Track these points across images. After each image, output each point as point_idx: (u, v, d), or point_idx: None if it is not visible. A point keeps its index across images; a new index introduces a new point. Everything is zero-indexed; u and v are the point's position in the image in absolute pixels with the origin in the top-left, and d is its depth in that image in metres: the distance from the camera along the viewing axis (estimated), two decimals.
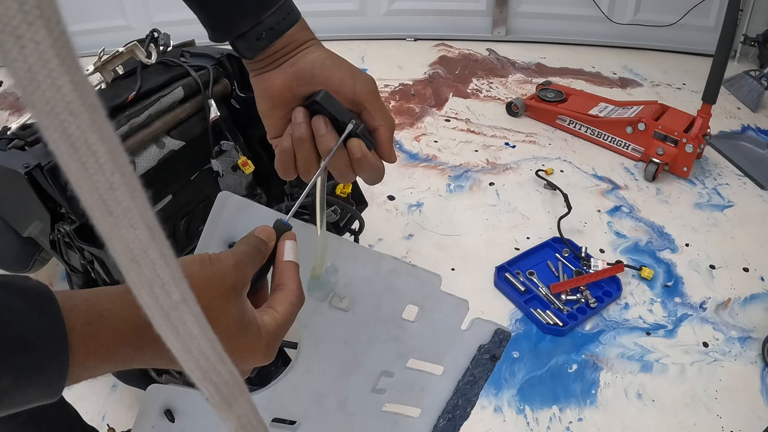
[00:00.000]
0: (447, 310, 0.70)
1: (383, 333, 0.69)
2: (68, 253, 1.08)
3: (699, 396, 1.36)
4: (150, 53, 1.27)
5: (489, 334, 0.73)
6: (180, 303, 0.26)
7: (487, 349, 0.73)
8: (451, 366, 0.74)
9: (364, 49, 3.19)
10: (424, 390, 0.74)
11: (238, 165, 1.32)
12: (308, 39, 0.60)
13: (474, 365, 0.74)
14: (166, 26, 1.47)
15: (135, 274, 0.24)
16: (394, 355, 0.70)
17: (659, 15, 3.05)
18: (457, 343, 0.72)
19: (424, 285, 0.68)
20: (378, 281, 0.66)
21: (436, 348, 0.72)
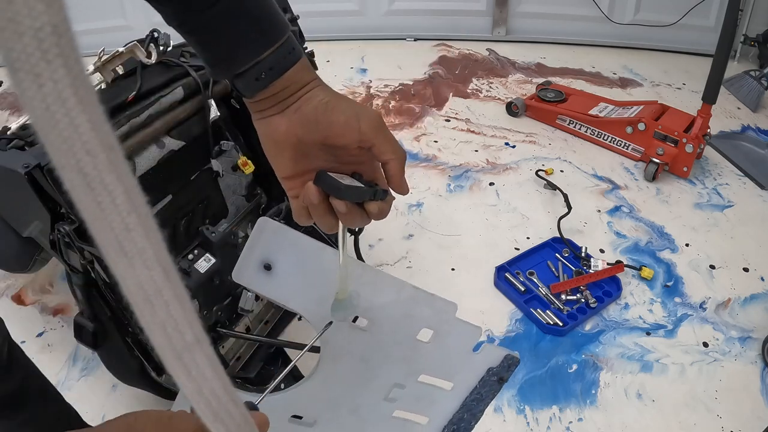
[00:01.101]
0: (460, 335, 0.76)
1: (398, 352, 0.74)
2: (68, 253, 1.08)
3: (699, 396, 1.36)
4: (150, 53, 1.27)
5: (499, 359, 0.79)
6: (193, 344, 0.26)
7: (495, 372, 0.79)
8: (459, 383, 0.79)
9: (364, 49, 3.19)
10: (432, 402, 0.79)
11: (238, 165, 1.32)
12: (310, 80, 0.58)
13: (482, 385, 0.79)
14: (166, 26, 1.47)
15: (148, 315, 0.24)
16: (405, 371, 0.76)
17: (659, 15, 3.05)
18: (467, 364, 0.78)
19: (440, 313, 0.73)
20: (397, 307, 0.71)
21: (447, 367, 0.78)
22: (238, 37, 0.54)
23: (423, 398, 0.79)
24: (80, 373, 1.43)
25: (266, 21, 0.55)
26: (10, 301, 1.62)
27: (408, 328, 0.73)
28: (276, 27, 0.56)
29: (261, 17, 0.55)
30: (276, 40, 0.55)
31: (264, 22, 0.55)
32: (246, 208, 1.42)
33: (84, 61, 0.19)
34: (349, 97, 0.60)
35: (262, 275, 0.66)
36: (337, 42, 3.25)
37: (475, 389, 0.79)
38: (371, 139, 0.56)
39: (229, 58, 0.55)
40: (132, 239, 0.22)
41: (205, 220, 1.31)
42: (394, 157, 0.58)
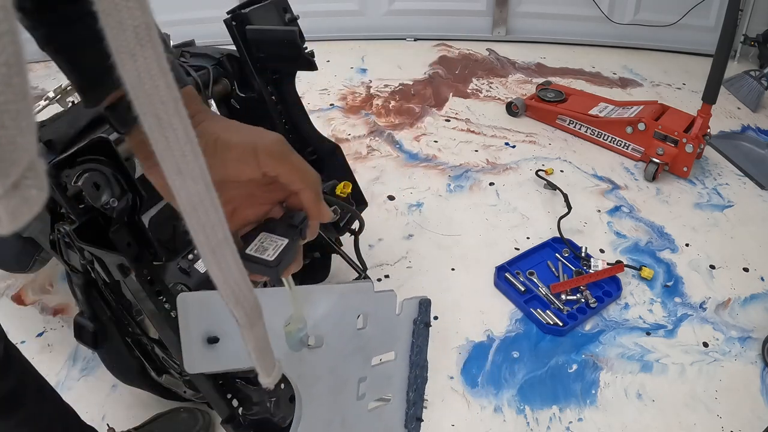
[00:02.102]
0: (383, 306, 0.80)
1: (351, 348, 0.77)
2: (68, 253, 1.08)
3: (699, 396, 1.36)
4: None
5: (416, 308, 0.84)
6: (223, 241, 0.34)
7: (420, 320, 0.85)
8: (400, 347, 0.84)
9: (364, 49, 3.19)
10: (389, 377, 0.83)
11: None
12: (195, 112, 0.51)
13: (416, 337, 0.85)
14: (166, 26, 1.47)
15: (195, 219, 0.32)
16: (361, 362, 0.79)
17: (659, 15, 3.06)
18: (397, 327, 0.83)
19: (364, 295, 0.76)
20: (334, 310, 0.73)
21: (386, 339, 0.82)
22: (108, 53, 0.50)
23: (381, 379, 0.82)
24: (80, 373, 1.43)
25: None
26: (10, 301, 1.62)
27: (349, 323, 0.76)
28: None
29: None
30: None
31: None
32: None
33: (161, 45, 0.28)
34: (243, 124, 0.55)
35: (213, 353, 0.63)
36: (337, 42, 3.25)
37: (413, 344, 0.85)
38: (274, 169, 0.51)
39: (99, 80, 0.50)
40: (186, 162, 0.31)
41: None
42: (303, 186, 0.53)
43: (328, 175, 1.44)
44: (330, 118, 2.50)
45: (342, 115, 2.53)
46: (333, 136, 2.35)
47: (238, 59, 1.33)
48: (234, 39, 1.29)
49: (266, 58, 1.32)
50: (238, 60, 1.33)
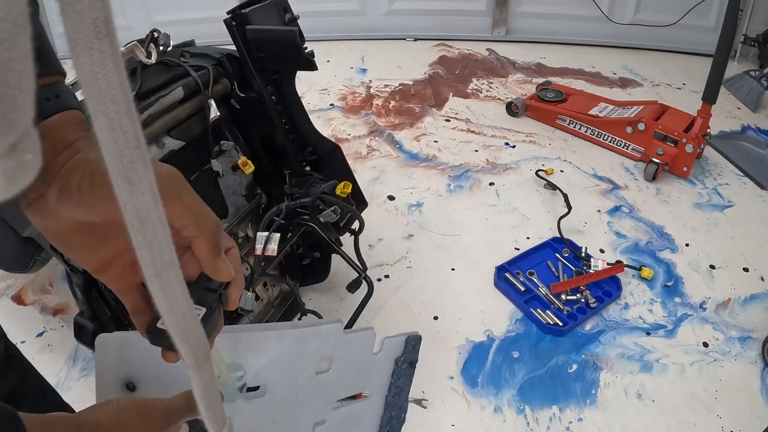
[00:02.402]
0: (356, 347, 0.73)
1: (305, 394, 0.71)
2: None
3: (699, 396, 1.36)
4: (150, 53, 1.27)
5: (401, 346, 0.77)
6: (170, 263, 0.31)
7: (404, 359, 0.78)
8: (374, 388, 0.77)
9: (364, 49, 3.19)
10: (357, 417, 0.77)
11: (238, 165, 1.32)
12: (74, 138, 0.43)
13: (396, 378, 0.78)
14: (166, 26, 1.47)
15: (140, 235, 0.30)
16: (320, 407, 0.73)
17: (659, 15, 3.06)
18: (374, 367, 0.76)
19: (328, 338, 0.69)
20: (285, 357, 0.67)
21: (357, 381, 0.75)
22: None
23: (347, 420, 0.77)
24: (80, 373, 1.43)
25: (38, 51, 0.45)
26: (10, 301, 1.62)
27: (304, 368, 0.69)
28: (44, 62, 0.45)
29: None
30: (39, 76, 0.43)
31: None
32: (246, 208, 1.42)
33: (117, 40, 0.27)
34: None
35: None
36: (337, 42, 3.25)
37: (392, 385, 0.78)
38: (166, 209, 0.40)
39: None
40: (135, 170, 0.28)
41: None
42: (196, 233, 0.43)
43: (328, 175, 1.44)
44: (330, 118, 2.50)
45: (342, 115, 2.53)
46: (333, 136, 2.35)
47: (238, 59, 1.33)
48: (234, 39, 1.29)
49: (266, 58, 1.32)
50: (238, 60, 1.33)
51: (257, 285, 1.39)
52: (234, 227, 1.37)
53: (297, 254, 1.50)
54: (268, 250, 1.25)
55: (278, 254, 1.27)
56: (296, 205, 1.30)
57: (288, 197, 1.38)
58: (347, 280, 1.35)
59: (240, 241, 1.39)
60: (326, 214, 1.33)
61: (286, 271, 1.52)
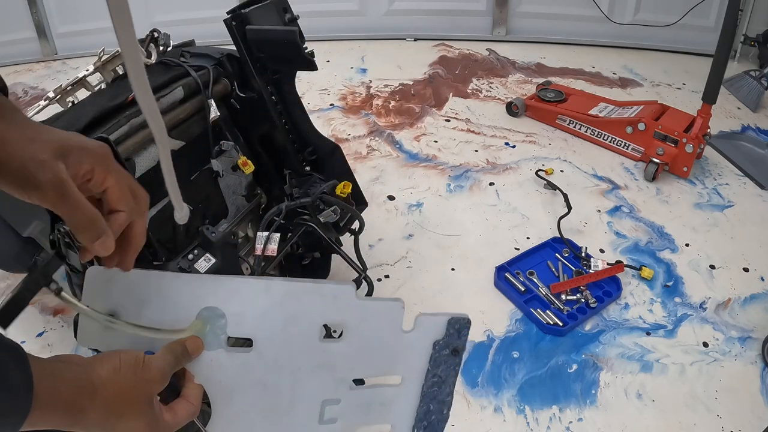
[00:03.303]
0: (377, 318, 0.64)
1: (307, 362, 0.63)
2: (68, 253, 1.08)
3: (699, 396, 1.36)
4: (150, 53, 1.27)
5: (442, 328, 0.66)
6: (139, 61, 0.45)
7: (444, 343, 0.66)
8: (408, 372, 0.67)
9: (364, 49, 3.19)
10: (385, 405, 0.68)
11: (238, 165, 1.32)
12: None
13: (434, 365, 0.67)
14: (166, 26, 1.47)
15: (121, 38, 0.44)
16: (330, 382, 0.65)
17: (659, 15, 3.06)
18: (404, 347, 0.66)
19: (336, 299, 0.62)
20: (274, 310, 0.61)
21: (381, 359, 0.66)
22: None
23: (373, 404, 0.67)
24: None
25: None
26: None
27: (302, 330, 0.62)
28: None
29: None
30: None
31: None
32: (246, 208, 1.42)
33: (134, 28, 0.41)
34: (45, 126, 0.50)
35: (109, 332, 0.60)
36: (337, 42, 3.25)
37: (429, 372, 0.67)
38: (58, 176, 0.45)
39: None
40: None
41: (205, 220, 1.31)
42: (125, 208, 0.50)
43: (328, 175, 1.44)
44: (330, 118, 2.50)
45: (342, 115, 2.53)
46: (333, 136, 2.35)
47: (238, 59, 1.33)
48: (234, 39, 1.29)
49: (266, 58, 1.32)
50: (238, 60, 1.33)
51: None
52: (234, 227, 1.37)
53: (297, 254, 1.50)
54: (268, 250, 1.25)
55: (278, 254, 1.27)
56: (296, 205, 1.30)
57: (288, 197, 1.38)
58: (347, 280, 1.35)
59: (240, 241, 1.39)
60: (326, 214, 1.33)
61: (286, 271, 1.52)
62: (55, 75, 3.06)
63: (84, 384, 0.52)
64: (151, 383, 0.56)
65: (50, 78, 3.01)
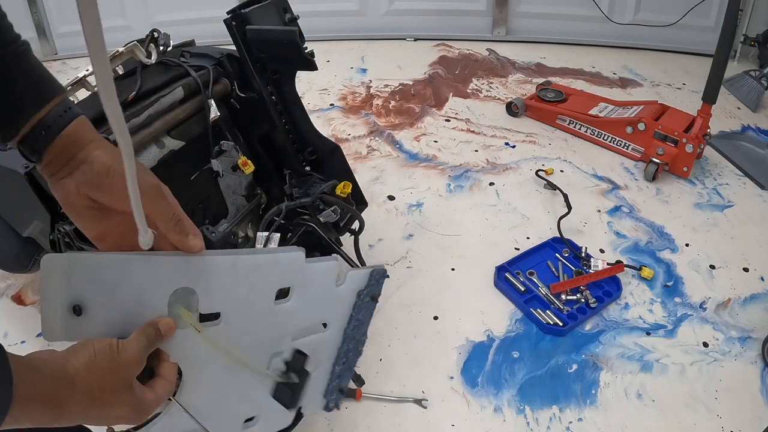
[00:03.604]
0: (318, 277, 0.73)
1: (263, 324, 0.70)
2: None
3: (699, 396, 1.36)
4: (150, 53, 1.27)
5: (365, 279, 0.77)
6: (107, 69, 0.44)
7: (366, 293, 0.77)
8: (334, 320, 0.77)
9: (364, 49, 3.19)
10: (315, 350, 0.77)
11: (238, 165, 1.32)
12: (90, 140, 0.60)
13: (357, 311, 0.78)
14: (166, 26, 1.47)
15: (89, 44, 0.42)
16: (278, 338, 0.72)
17: (659, 15, 3.06)
18: (335, 299, 0.76)
19: (289, 266, 0.70)
20: (240, 282, 0.66)
21: (317, 313, 0.75)
22: (18, 94, 0.59)
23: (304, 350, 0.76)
24: None
25: (41, 80, 0.61)
26: (10, 301, 1.62)
27: (261, 297, 0.69)
28: (51, 86, 0.61)
29: (36, 77, 0.60)
30: (52, 97, 0.60)
31: (40, 81, 0.60)
32: (246, 208, 1.42)
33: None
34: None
35: (76, 323, 0.59)
36: (337, 42, 3.25)
37: (352, 317, 0.78)
38: (145, 202, 0.57)
39: (11, 120, 0.59)
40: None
41: (205, 220, 1.31)
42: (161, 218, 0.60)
43: (328, 175, 1.44)
44: (330, 118, 2.50)
45: (342, 115, 2.53)
46: (333, 136, 2.35)
47: (238, 59, 1.33)
48: (234, 39, 1.29)
49: (266, 58, 1.32)
50: (238, 60, 1.33)
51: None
52: (234, 227, 1.37)
53: None
54: None
55: None
56: (296, 205, 1.30)
57: (288, 197, 1.38)
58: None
59: (240, 241, 1.39)
60: (326, 214, 1.33)
61: None
62: (55, 75, 3.05)
63: (61, 376, 0.53)
64: (127, 367, 0.58)
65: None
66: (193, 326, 0.62)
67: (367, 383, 1.34)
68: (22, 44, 0.60)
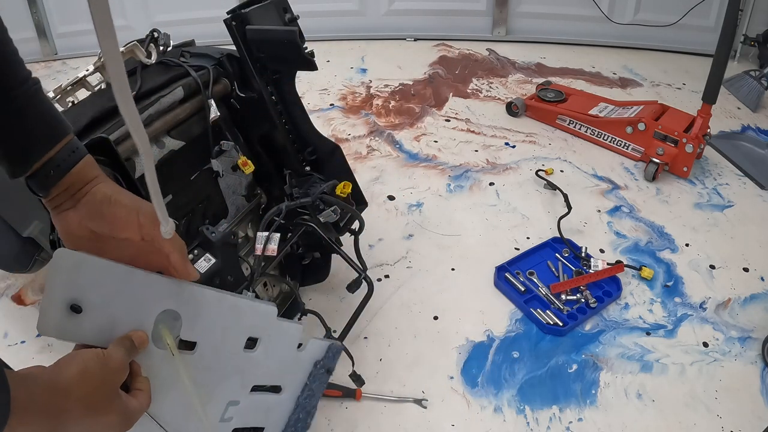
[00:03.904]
0: (284, 336, 0.76)
1: (228, 366, 0.73)
2: None
3: (699, 396, 1.36)
4: (150, 53, 1.27)
5: (323, 351, 0.80)
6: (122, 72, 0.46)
7: (323, 364, 0.81)
8: (290, 384, 0.80)
9: (364, 49, 3.19)
10: (268, 410, 0.79)
11: (238, 165, 1.32)
12: (94, 176, 0.65)
13: (312, 380, 0.81)
14: (166, 26, 1.47)
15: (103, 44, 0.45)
16: (238, 386, 0.75)
17: (659, 15, 3.06)
18: (295, 363, 0.79)
19: (264, 317, 0.73)
20: (220, 320, 0.69)
21: (278, 371, 0.78)
22: (30, 134, 0.61)
23: (259, 408, 0.78)
24: None
25: (52, 119, 0.63)
26: (10, 301, 1.62)
27: (234, 339, 0.72)
28: (61, 125, 0.64)
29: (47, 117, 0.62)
30: (61, 137, 0.63)
31: (50, 120, 0.63)
32: (246, 208, 1.42)
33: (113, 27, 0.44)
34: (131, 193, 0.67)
35: (72, 322, 0.60)
36: (337, 42, 3.25)
37: (306, 386, 0.81)
38: (150, 233, 0.62)
39: (24, 156, 0.62)
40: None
41: (205, 219, 1.31)
42: (172, 249, 0.64)
43: (328, 175, 1.44)
44: (330, 118, 2.50)
45: (342, 115, 2.53)
46: (333, 136, 2.35)
47: (238, 59, 1.33)
48: (234, 39, 1.29)
49: (266, 58, 1.32)
50: (238, 60, 1.33)
51: (257, 285, 1.39)
52: (234, 227, 1.37)
53: (297, 254, 1.50)
54: (268, 250, 1.25)
55: (278, 254, 1.27)
56: (296, 205, 1.30)
57: (288, 197, 1.38)
58: (347, 280, 1.35)
59: (240, 241, 1.39)
60: (326, 214, 1.33)
61: (286, 271, 1.52)
62: (55, 75, 3.06)
63: (56, 386, 0.55)
64: (116, 374, 0.60)
65: (50, 78, 3.01)
66: (170, 348, 0.65)
67: (367, 383, 1.34)
68: (34, 83, 0.63)
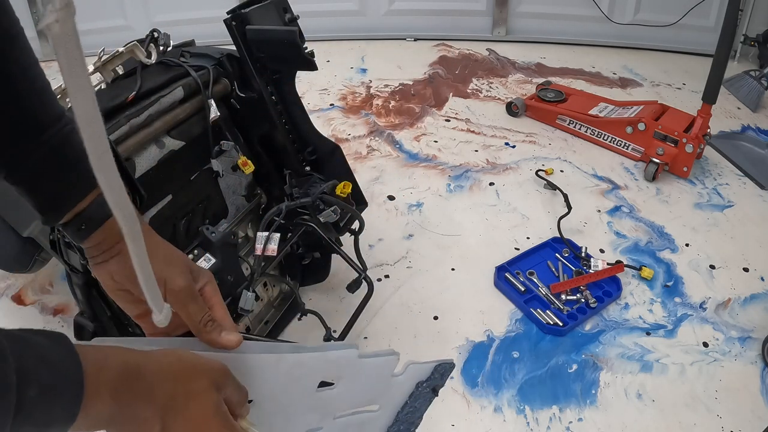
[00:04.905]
0: (372, 371, 0.69)
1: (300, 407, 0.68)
2: (68, 253, 1.08)
3: (699, 396, 1.36)
4: (150, 53, 1.27)
5: (428, 372, 0.73)
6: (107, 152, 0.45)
7: (427, 384, 0.74)
8: (387, 404, 0.74)
9: (364, 49, 3.19)
10: (361, 426, 0.74)
11: (238, 165, 1.32)
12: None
13: (413, 399, 0.74)
14: (166, 26, 1.47)
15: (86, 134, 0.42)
16: (317, 418, 0.70)
17: (659, 15, 3.06)
18: (390, 387, 0.72)
19: (337, 360, 0.67)
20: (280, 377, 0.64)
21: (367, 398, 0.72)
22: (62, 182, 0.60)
23: (350, 426, 0.72)
24: None
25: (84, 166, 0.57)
26: (10, 301, 1.62)
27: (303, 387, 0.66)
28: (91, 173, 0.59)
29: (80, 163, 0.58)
30: (92, 187, 0.60)
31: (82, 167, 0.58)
32: (246, 208, 1.42)
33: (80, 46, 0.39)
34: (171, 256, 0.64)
35: None
36: (337, 42, 3.25)
37: (407, 404, 0.74)
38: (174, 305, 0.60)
39: (58, 204, 0.60)
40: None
41: (205, 220, 1.31)
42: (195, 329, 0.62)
43: (328, 175, 1.44)
44: (330, 118, 2.50)
45: (342, 115, 2.53)
46: (333, 136, 2.35)
47: (238, 59, 1.33)
48: (234, 39, 1.29)
49: (266, 58, 1.32)
50: (238, 60, 1.33)
51: (257, 285, 1.39)
52: (234, 227, 1.37)
53: (297, 254, 1.50)
54: (268, 250, 1.25)
55: (278, 254, 1.27)
56: (296, 205, 1.30)
57: (288, 197, 1.38)
58: (347, 280, 1.35)
59: (240, 241, 1.39)
60: (326, 214, 1.33)
61: (286, 271, 1.52)
62: (55, 75, 3.04)
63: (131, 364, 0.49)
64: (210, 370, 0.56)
65: (50, 78, 3.00)
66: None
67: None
68: (68, 122, 0.59)
